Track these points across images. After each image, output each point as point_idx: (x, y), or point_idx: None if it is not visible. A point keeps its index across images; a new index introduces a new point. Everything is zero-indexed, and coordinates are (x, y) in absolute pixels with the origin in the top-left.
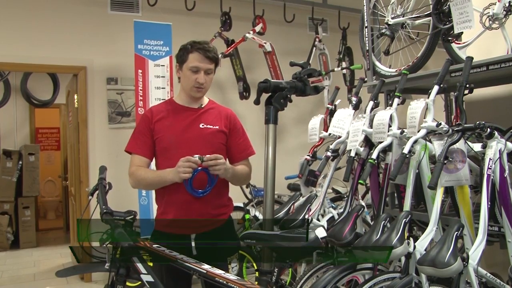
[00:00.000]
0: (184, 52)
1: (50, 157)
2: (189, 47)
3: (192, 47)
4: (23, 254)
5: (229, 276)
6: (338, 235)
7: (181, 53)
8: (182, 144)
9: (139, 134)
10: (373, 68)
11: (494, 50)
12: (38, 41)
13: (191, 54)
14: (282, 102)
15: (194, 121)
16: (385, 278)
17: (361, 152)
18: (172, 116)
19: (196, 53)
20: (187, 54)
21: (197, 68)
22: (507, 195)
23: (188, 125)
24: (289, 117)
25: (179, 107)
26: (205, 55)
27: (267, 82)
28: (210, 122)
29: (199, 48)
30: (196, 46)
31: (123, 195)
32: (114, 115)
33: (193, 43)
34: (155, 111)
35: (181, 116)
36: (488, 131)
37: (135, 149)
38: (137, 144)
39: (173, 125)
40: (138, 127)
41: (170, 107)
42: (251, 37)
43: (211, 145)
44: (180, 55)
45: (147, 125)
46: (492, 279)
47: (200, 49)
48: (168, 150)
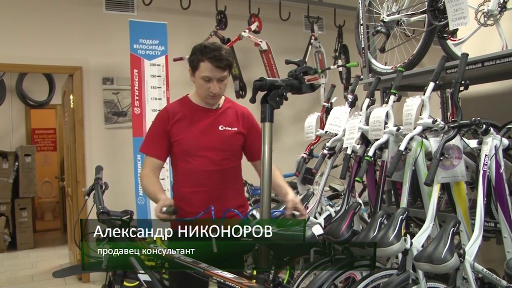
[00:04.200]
0: (195, 59)
1: (46, 158)
2: (199, 55)
3: (202, 55)
4: (20, 256)
5: (226, 274)
6: (335, 233)
7: (193, 58)
8: (202, 147)
9: (155, 134)
10: (369, 65)
11: (489, 46)
12: (33, 41)
13: (202, 63)
14: (278, 100)
15: (213, 123)
16: (382, 275)
17: (358, 149)
18: (189, 117)
19: (207, 62)
20: (198, 62)
21: (209, 78)
22: (503, 191)
23: (208, 127)
24: (286, 115)
25: (196, 107)
26: (216, 65)
27: (263, 80)
28: (228, 123)
29: (210, 57)
30: (207, 54)
31: (120, 195)
32: (110, 115)
33: (204, 48)
34: (171, 111)
35: (199, 117)
36: (483, 127)
37: (149, 151)
38: (152, 146)
39: (192, 127)
40: (154, 127)
41: (187, 107)
42: (247, 35)
43: (229, 147)
44: (191, 61)
45: (163, 126)
46: (489, 274)
47: (211, 59)
48: (188, 153)
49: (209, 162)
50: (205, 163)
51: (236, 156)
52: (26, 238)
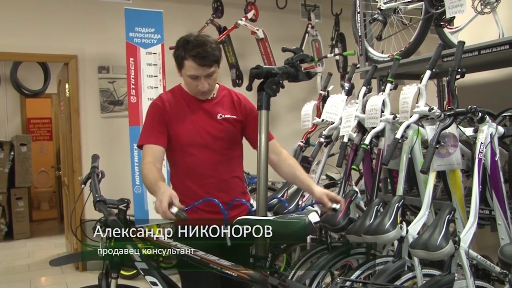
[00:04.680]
0: (179, 56)
1: (42, 147)
2: (182, 52)
3: (185, 52)
4: (17, 245)
5: (223, 262)
6: (331, 221)
7: (177, 54)
8: (203, 138)
9: (154, 124)
10: (366, 53)
11: (486, 35)
12: (28, 29)
13: (186, 61)
14: (274, 88)
15: (211, 113)
16: (378, 262)
17: (354, 137)
18: (186, 109)
19: (191, 61)
20: (182, 59)
21: (195, 76)
22: (498, 178)
23: (206, 118)
24: (282, 104)
25: (191, 98)
26: (201, 63)
27: (259, 68)
28: (227, 111)
29: (193, 55)
30: (190, 52)
31: (116, 184)
32: (106, 104)
33: (186, 44)
34: (167, 100)
35: (196, 108)
36: (479, 115)
37: (148, 139)
38: (150, 135)
39: (190, 119)
40: (151, 118)
41: (182, 98)
42: (244, 24)
43: (230, 136)
44: (176, 57)
45: (160, 115)
46: (483, 261)
47: (194, 57)
48: (190, 146)
49: (214, 153)
50: (210, 155)
51: (238, 144)
52: (23, 227)
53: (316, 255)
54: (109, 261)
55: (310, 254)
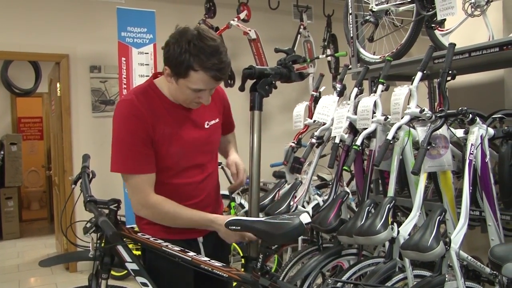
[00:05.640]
0: (182, 64)
1: (33, 146)
2: (190, 59)
3: (195, 62)
4: (6, 245)
5: (215, 262)
6: (323, 222)
7: (178, 60)
8: (193, 156)
9: (139, 144)
10: (358, 55)
11: (476, 37)
12: (19, 28)
13: (194, 73)
14: (267, 88)
15: (198, 122)
16: (369, 263)
17: (346, 138)
18: (170, 118)
19: (202, 74)
20: (188, 69)
21: (201, 90)
22: (488, 180)
23: (194, 130)
24: (274, 104)
25: (173, 104)
26: (217, 78)
27: (252, 68)
28: (212, 115)
29: (207, 67)
30: (204, 62)
31: (107, 184)
32: (97, 103)
33: (197, 51)
34: (144, 108)
35: (181, 116)
36: (470, 117)
37: (140, 168)
38: (140, 160)
39: (178, 132)
40: (132, 135)
41: (160, 103)
42: (236, 24)
43: (214, 145)
44: (175, 64)
45: (145, 131)
46: (473, 262)
47: (209, 70)
48: (176, 168)
49: (199, 171)
50: (195, 173)
51: (216, 152)
52: (12, 227)
53: (307, 256)
54: (99, 262)
55: (301, 255)
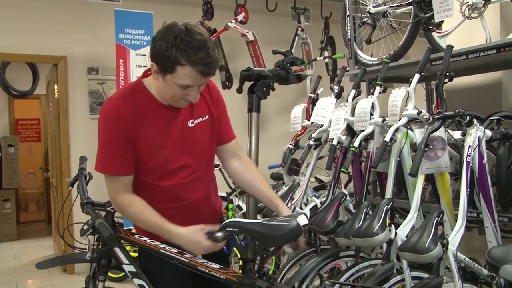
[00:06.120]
0: (169, 58)
1: (30, 148)
2: (176, 53)
3: (182, 56)
4: (3, 247)
5: (212, 264)
6: (320, 223)
7: (164, 55)
8: (179, 157)
9: (117, 145)
10: (355, 57)
11: (473, 39)
12: (16, 30)
13: (181, 68)
14: (264, 90)
15: (185, 122)
16: (367, 265)
17: (343, 140)
18: (156, 119)
19: (189, 68)
20: (174, 64)
21: (189, 86)
22: (485, 181)
23: (180, 128)
24: (272, 106)
25: (161, 105)
26: (204, 73)
27: (250, 70)
28: (199, 113)
29: (194, 61)
30: (190, 56)
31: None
32: (95, 105)
33: (184, 45)
34: (128, 111)
35: (167, 116)
36: (467, 118)
37: (117, 170)
38: (117, 162)
39: (163, 133)
40: (111, 135)
41: (147, 104)
42: (233, 26)
43: (208, 147)
44: (161, 60)
45: (124, 132)
46: (471, 263)
47: (196, 64)
48: (161, 169)
49: (187, 173)
50: (182, 175)
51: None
52: (10, 229)
53: (305, 258)
54: (96, 264)
55: (299, 257)
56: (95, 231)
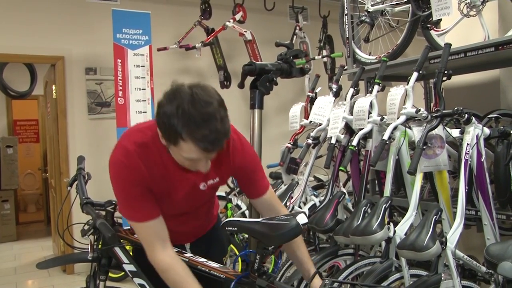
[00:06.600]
0: (171, 130)
1: (29, 149)
2: (178, 126)
3: (184, 131)
4: (3, 248)
5: (212, 263)
6: (319, 222)
7: (166, 125)
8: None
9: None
10: (353, 55)
11: (472, 37)
12: (14, 30)
13: (183, 142)
14: (267, 85)
15: (197, 183)
16: (366, 263)
17: (342, 139)
18: (168, 177)
19: (191, 144)
20: (177, 137)
21: (195, 159)
22: (484, 179)
23: (191, 190)
24: (271, 106)
25: (175, 163)
26: (207, 150)
27: (253, 64)
28: (213, 174)
29: (197, 138)
30: (193, 133)
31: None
32: (93, 105)
33: (182, 115)
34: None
35: (179, 176)
36: (465, 116)
37: (148, 214)
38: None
39: (171, 192)
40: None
41: (160, 158)
42: (231, 25)
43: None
44: (164, 130)
45: (144, 183)
46: (469, 261)
47: (198, 141)
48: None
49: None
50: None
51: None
52: (9, 230)
53: None
54: (97, 264)
55: None
56: (95, 231)
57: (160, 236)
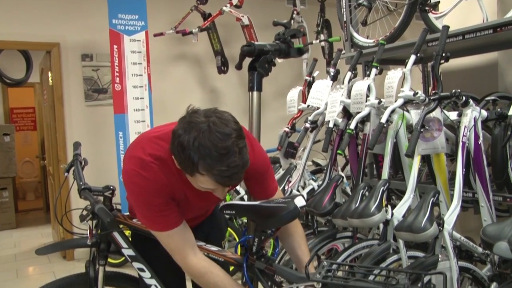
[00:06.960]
0: (187, 162)
1: (26, 137)
2: (194, 159)
3: (200, 165)
4: (2, 236)
5: (210, 247)
6: (317, 205)
7: (182, 159)
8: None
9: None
10: (351, 39)
11: (470, 19)
12: (8, 16)
13: (200, 176)
14: (266, 67)
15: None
16: (364, 246)
17: (340, 123)
18: (182, 195)
19: (208, 178)
20: (194, 170)
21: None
22: (481, 162)
23: (202, 199)
24: (268, 91)
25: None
26: (225, 184)
27: (251, 45)
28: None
29: (215, 174)
30: (211, 169)
31: (102, 172)
32: (90, 92)
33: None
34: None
35: (193, 194)
36: (463, 99)
37: (174, 221)
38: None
39: (187, 201)
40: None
41: (178, 181)
42: (228, 10)
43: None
44: (180, 161)
45: (166, 191)
46: (466, 242)
47: (217, 176)
48: None
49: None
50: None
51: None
52: (8, 218)
53: None
54: (96, 249)
55: None
56: (94, 217)
57: (189, 241)
